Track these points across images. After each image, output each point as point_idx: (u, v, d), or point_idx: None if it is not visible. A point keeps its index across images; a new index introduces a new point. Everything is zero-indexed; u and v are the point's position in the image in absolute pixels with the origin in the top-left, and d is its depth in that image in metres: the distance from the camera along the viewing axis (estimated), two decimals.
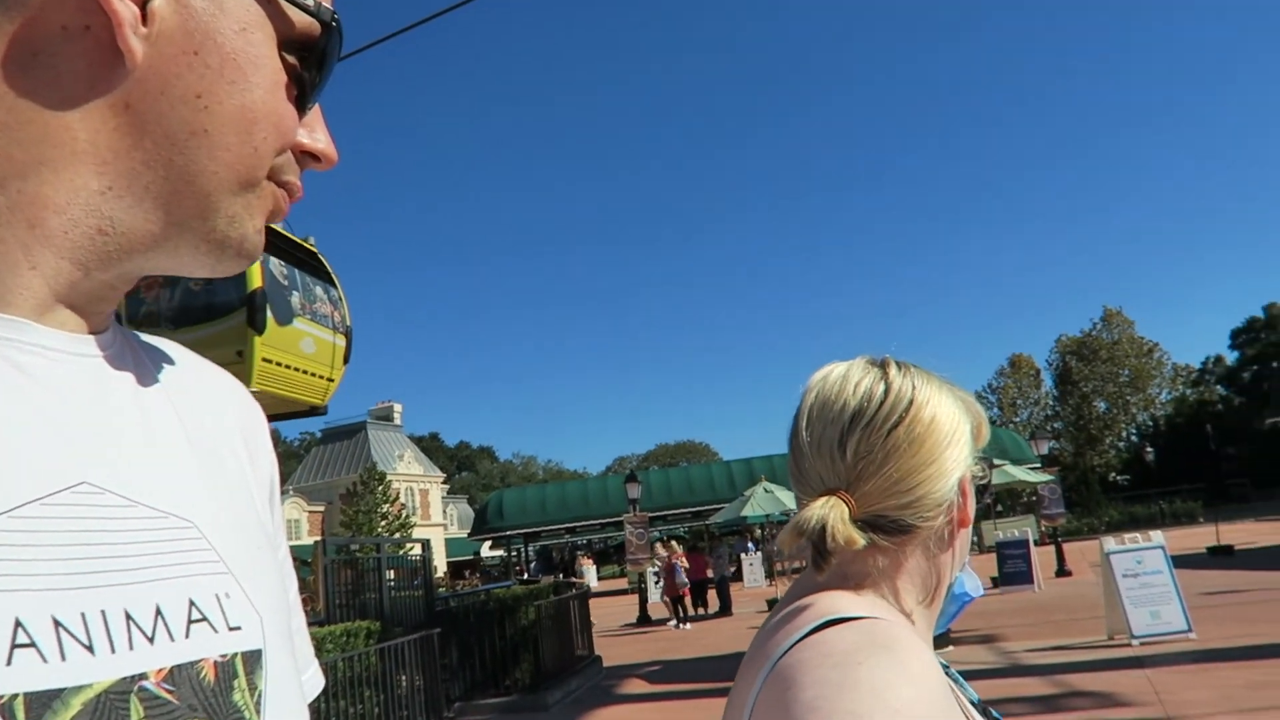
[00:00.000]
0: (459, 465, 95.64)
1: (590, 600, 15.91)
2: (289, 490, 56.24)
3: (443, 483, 66.00)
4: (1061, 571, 19.66)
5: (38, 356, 0.53)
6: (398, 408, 65.93)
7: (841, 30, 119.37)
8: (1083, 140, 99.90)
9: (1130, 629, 10.10)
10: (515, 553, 40.82)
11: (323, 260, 7.08)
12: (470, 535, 39.78)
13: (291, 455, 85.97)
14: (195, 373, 0.69)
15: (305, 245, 6.88)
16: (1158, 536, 10.85)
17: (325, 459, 60.83)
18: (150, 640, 0.51)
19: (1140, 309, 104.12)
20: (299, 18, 0.59)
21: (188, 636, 0.53)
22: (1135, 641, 9.96)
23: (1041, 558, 19.28)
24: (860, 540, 0.83)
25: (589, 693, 11.72)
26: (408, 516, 47.62)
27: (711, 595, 21.61)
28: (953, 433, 0.89)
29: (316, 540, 10.26)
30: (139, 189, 0.55)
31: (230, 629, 0.56)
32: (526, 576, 32.61)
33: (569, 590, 13.50)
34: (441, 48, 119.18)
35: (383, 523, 43.16)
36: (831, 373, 0.95)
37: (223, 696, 0.54)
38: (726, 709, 0.84)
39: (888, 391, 0.89)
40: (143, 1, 0.53)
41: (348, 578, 9.70)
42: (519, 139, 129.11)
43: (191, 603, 0.54)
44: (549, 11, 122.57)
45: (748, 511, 20.54)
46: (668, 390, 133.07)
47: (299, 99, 0.61)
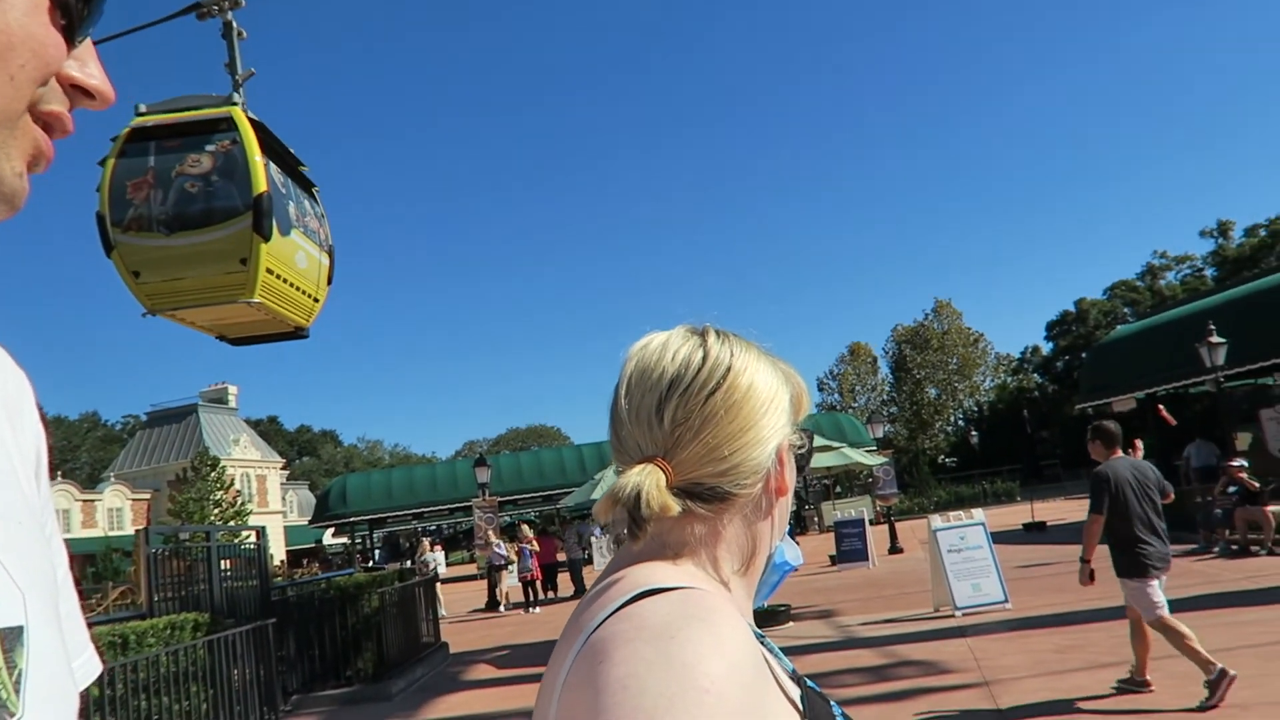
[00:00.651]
0: (300, 450, 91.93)
1: (440, 586, 15.67)
2: (109, 477, 52.58)
3: (282, 468, 63.29)
4: (894, 549, 20.73)
5: None
6: (233, 390, 62.56)
7: (648, 26, 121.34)
8: (922, 136, 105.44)
9: (954, 601, 10.79)
10: (360, 540, 39.70)
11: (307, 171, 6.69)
12: (311, 522, 38.42)
13: (114, 439, 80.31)
14: None
15: (292, 153, 6.34)
16: (979, 514, 11.64)
17: (152, 443, 57.10)
18: None
19: (968, 301, 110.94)
20: None
21: None
22: (958, 613, 10.64)
23: (876, 536, 20.32)
24: (675, 507, 0.83)
25: (434, 680, 11.54)
26: (244, 504, 45.39)
27: (564, 578, 21.67)
28: (770, 400, 0.89)
29: (139, 530, 9.65)
30: None
31: None
32: (371, 564, 31.75)
33: (414, 577, 13.24)
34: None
35: (216, 510, 40.95)
36: (651, 341, 0.94)
37: None
38: (542, 684, 0.81)
39: (705, 359, 0.89)
40: None
41: (175, 569, 9.24)
42: (360, 120, 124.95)
43: None
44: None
45: (598, 494, 20.61)
46: (519, 374, 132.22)
47: (67, 30, 0.56)
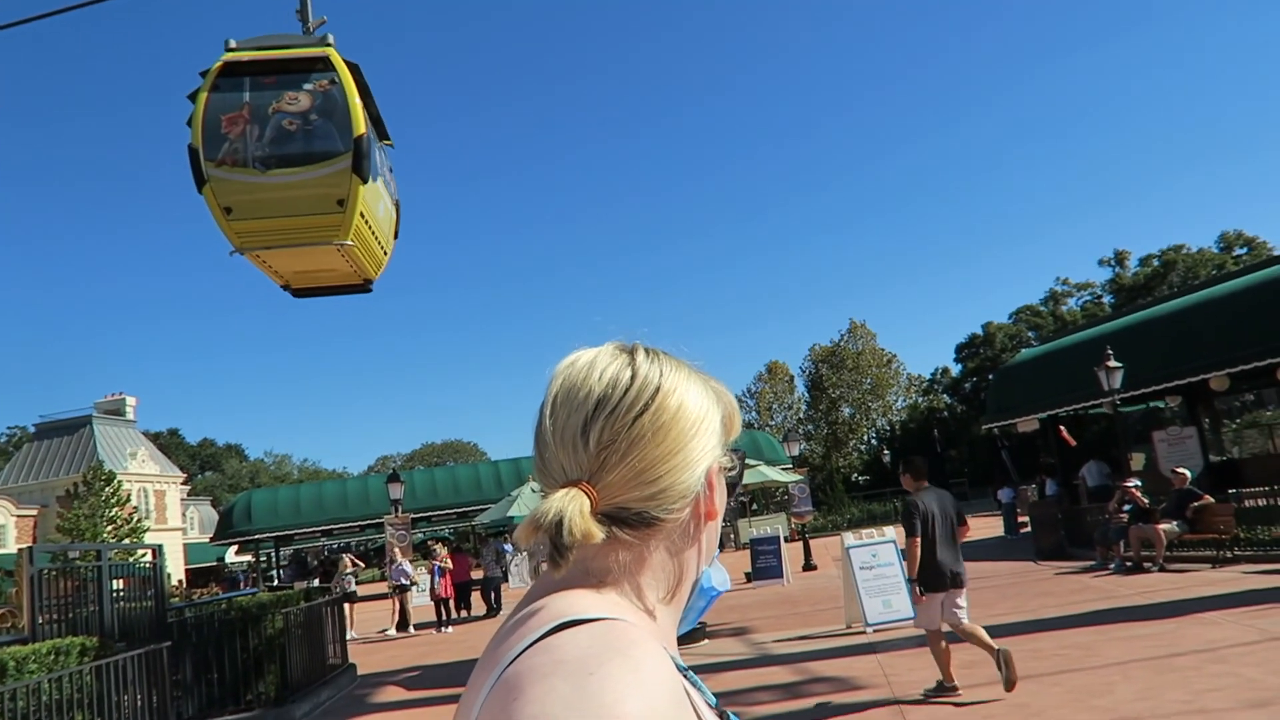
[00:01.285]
0: (202, 465, 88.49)
1: (354, 606, 15.23)
2: None
3: (182, 483, 60.79)
4: (809, 566, 21.01)
5: None
6: (131, 401, 59.80)
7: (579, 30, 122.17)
8: (842, 162, 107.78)
9: (865, 617, 10.96)
10: (265, 558, 38.38)
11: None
12: (213, 540, 36.97)
13: None
14: None
15: (374, 100, 6.00)
16: (890, 532, 11.87)
17: (40, 456, 54.18)
18: None
19: (882, 322, 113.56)
20: None
21: None
22: (869, 629, 10.80)
23: (791, 553, 20.55)
24: (599, 534, 0.79)
25: (341, 703, 11.19)
26: (140, 520, 43.41)
27: (476, 597, 21.31)
28: (700, 421, 0.86)
29: (22, 548, 9.10)
30: None
31: None
32: (277, 583, 30.69)
33: (321, 596, 12.83)
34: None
35: (109, 527, 39.02)
36: (579, 359, 0.90)
37: None
38: (455, 716, 0.77)
39: (634, 378, 0.85)
40: None
41: (63, 589, 8.75)
42: None
43: None
44: None
45: (514, 512, 20.39)
46: (435, 389, 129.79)
47: None
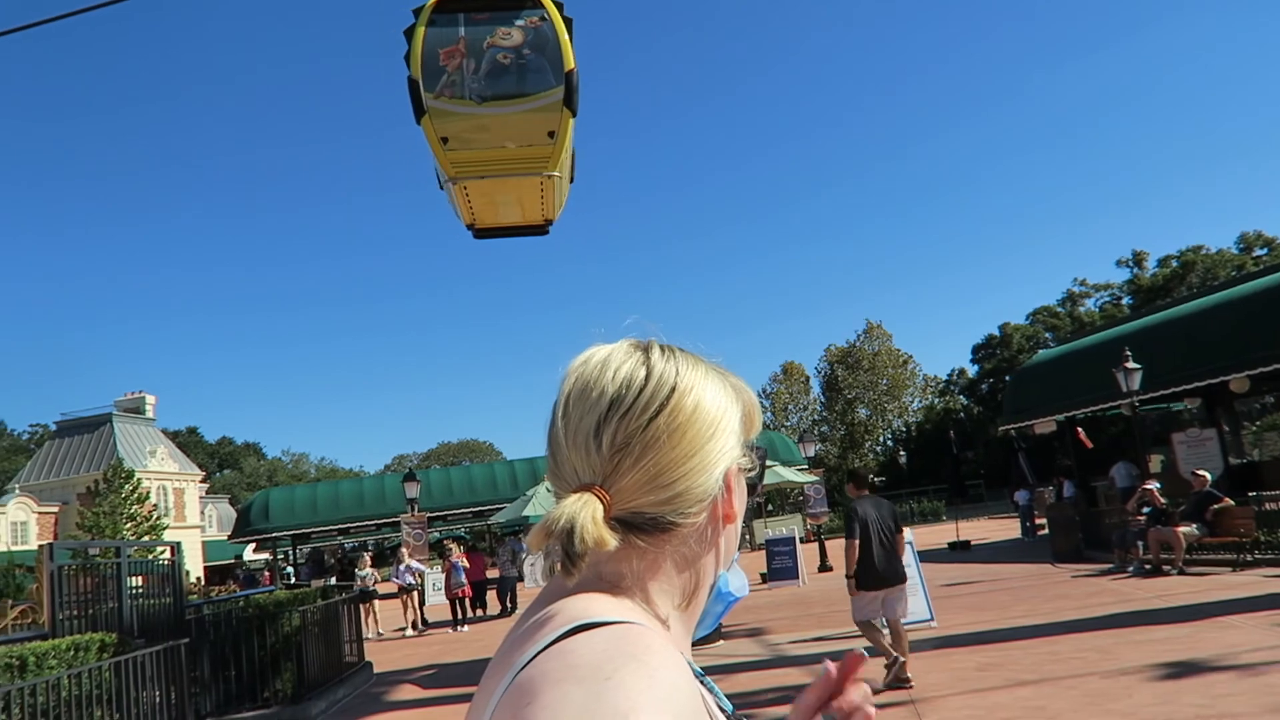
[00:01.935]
0: (221, 463, 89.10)
1: (364, 604, 15.30)
2: (14, 489, 50.27)
3: (201, 481, 61.27)
4: (824, 567, 20.93)
5: None
6: (150, 399, 60.31)
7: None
8: (860, 163, 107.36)
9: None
10: (282, 555, 38.62)
11: None
12: (231, 538, 37.26)
13: (20, 450, 76.76)
14: None
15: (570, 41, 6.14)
16: (907, 533, 11.76)
17: (61, 454, 54.72)
18: None
19: (898, 323, 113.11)
20: None
21: None
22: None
23: (806, 554, 20.49)
24: (612, 542, 0.77)
25: (357, 701, 11.23)
26: (159, 518, 43.76)
27: (491, 596, 21.35)
28: (718, 421, 0.83)
29: (43, 544, 9.19)
30: None
31: None
32: (295, 581, 30.86)
33: (338, 594, 12.89)
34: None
35: (129, 525, 39.37)
36: (593, 357, 0.87)
37: None
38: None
39: (649, 377, 0.82)
40: None
41: (82, 586, 8.81)
42: (275, 140, 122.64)
43: None
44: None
45: (530, 511, 20.49)
46: (451, 388, 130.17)
47: None
